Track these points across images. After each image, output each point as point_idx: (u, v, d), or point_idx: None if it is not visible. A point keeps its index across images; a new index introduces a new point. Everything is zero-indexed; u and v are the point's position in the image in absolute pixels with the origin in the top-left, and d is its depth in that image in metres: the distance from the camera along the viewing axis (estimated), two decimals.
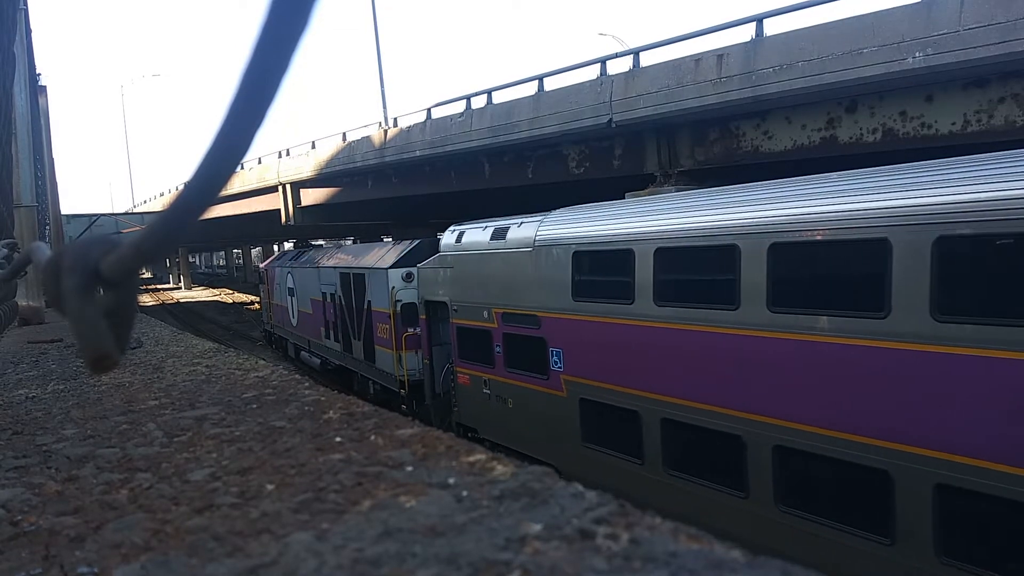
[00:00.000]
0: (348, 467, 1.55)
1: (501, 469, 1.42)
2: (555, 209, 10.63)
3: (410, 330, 15.10)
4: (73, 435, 2.18)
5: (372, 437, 1.77)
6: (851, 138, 11.31)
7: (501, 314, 11.40)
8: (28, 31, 10.61)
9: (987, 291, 6.03)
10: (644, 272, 8.80)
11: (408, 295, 15.12)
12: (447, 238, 13.41)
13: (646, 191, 14.11)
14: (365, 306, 17.24)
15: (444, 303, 13.18)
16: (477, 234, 12.32)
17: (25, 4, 9.80)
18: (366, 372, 17.72)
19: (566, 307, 10.03)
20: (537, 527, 1.12)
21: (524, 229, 11.13)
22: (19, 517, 1.48)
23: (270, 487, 1.48)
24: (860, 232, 6.66)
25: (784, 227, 7.28)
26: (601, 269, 9.73)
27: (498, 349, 11.52)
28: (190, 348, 4.13)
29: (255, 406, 2.32)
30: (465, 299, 12.45)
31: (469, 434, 12.12)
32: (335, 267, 19.83)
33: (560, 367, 10.15)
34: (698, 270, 8.53)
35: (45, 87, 14.87)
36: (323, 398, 2.31)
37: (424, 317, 14.33)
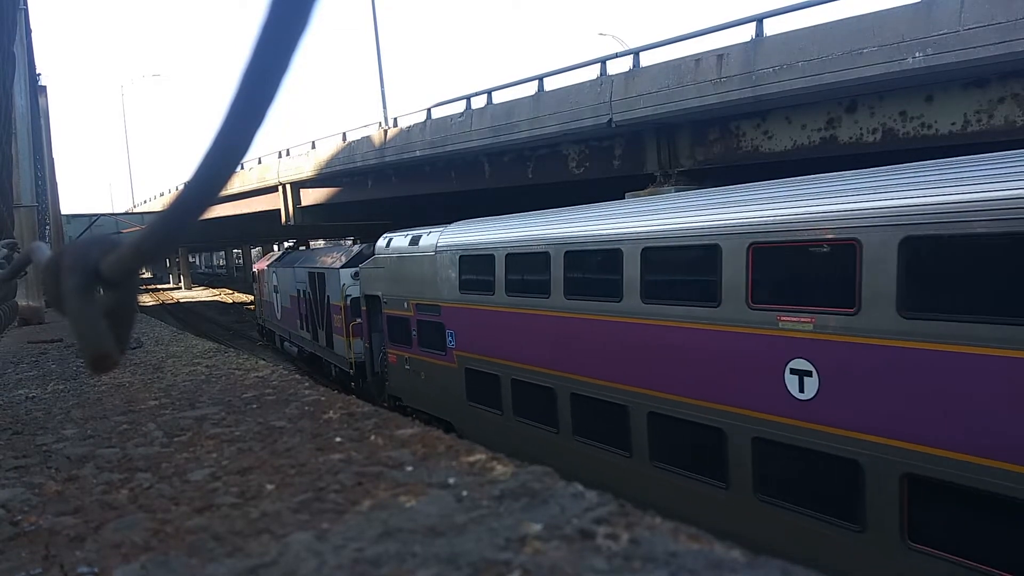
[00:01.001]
0: (348, 467, 1.55)
1: (501, 469, 1.42)
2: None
3: (357, 320, 17.88)
4: (73, 435, 2.18)
5: (372, 437, 1.77)
6: (851, 138, 11.31)
7: (415, 304, 14.16)
8: (28, 31, 10.61)
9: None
10: (500, 271, 11.70)
11: (355, 291, 17.74)
12: (380, 243, 15.94)
13: (646, 191, 14.13)
14: (325, 301, 20.10)
15: (378, 296, 15.92)
16: (400, 240, 14.96)
17: (25, 4, 9.80)
18: (328, 357, 20.59)
19: (455, 298, 12.91)
20: (537, 527, 1.12)
21: (430, 237, 13.80)
22: (19, 517, 1.48)
23: (270, 487, 1.48)
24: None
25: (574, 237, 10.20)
26: (476, 269, 12.41)
27: (414, 333, 14.28)
28: (190, 348, 4.13)
29: (255, 406, 2.32)
30: (392, 293, 15.19)
31: (397, 403, 14.87)
32: (305, 267, 22.86)
33: (453, 344, 12.98)
34: (529, 270, 11.28)
35: (45, 87, 14.88)
36: (323, 398, 2.31)
37: (364, 309, 17.07)
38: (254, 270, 35.30)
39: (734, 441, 7.80)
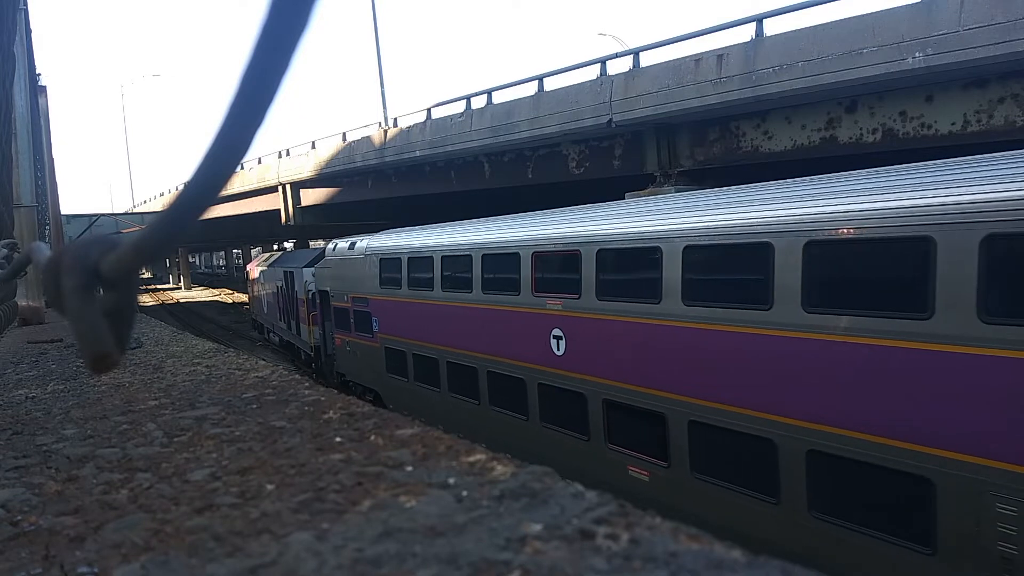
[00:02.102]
0: (348, 467, 1.55)
1: (501, 469, 1.42)
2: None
3: (315, 312, 21.08)
4: (73, 435, 2.18)
5: (372, 437, 1.77)
6: (851, 138, 11.32)
7: (352, 297, 17.16)
8: (28, 31, 10.61)
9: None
10: (404, 270, 14.69)
11: (315, 287, 20.88)
12: (328, 247, 19.16)
13: (646, 191, 14.13)
14: (294, 295, 23.43)
15: (327, 291, 19.12)
16: (343, 245, 17.82)
17: (25, 4, 9.80)
18: (297, 343, 24.07)
19: (377, 292, 15.89)
20: (537, 527, 1.12)
21: (362, 243, 16.73)
22: (19, 517, 1.48)
23: (270, 487, 1.49)
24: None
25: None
26: (391, 269, 15.27)
27: (351, 320, 17.34)
28: (190, 348, 4.13)
29: (255, 406, 2.32)
30: (336, 288, 18.25)
31: (343, 379, 18.31)
32: (281, 268, 26.46)
33: (376, 328, 16.08)
34: (423, 270, 14.00)
35: (45, 87, 14.87)
36: (323, 398, 2.31)
37: (319, 302, 20.31)
38: (247, 270, 40.25)
39: (591, 405, 9.89)
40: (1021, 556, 5.38)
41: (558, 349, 10.37)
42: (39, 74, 14.28)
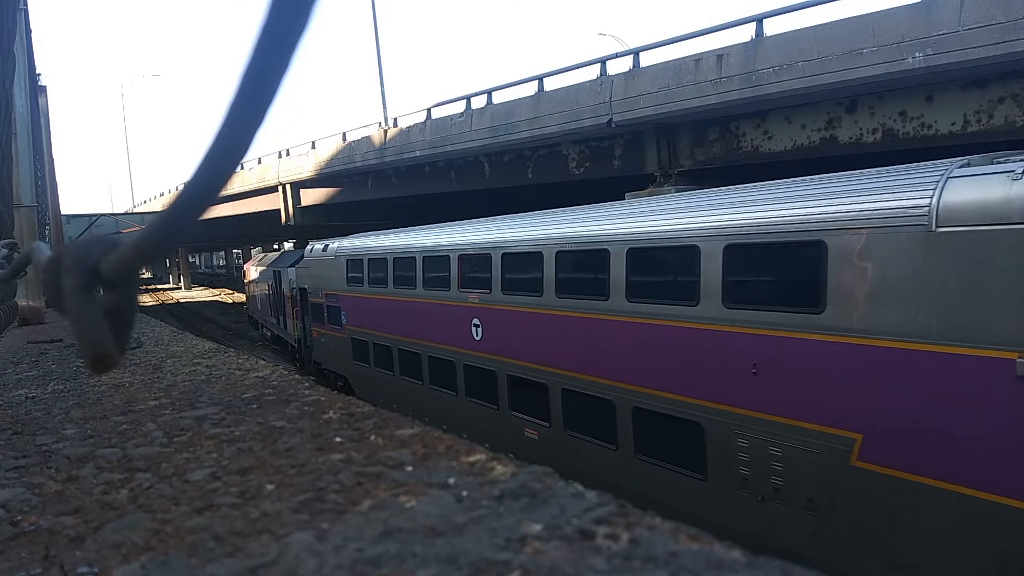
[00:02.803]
0: (348, 467, 1.55)
1: (501, 469, 1.42)
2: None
3: (297, 307, 23.08)
4: (73, 435, 2.18)
5: (372, 437, 1.77)
6: (851, 138, 11.31)
7: (325, 294, 19.17)
8: (28, 31, 10.61)
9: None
10: (365, 269, 16.62)
11: (296, 285, 23.07)
12: (307, 249, 21.40)
13: (646, 191, 14.13)
14: (282, 293, 25.43)
15: (305, 289, 21.20)
16: (319, 247, 19.89)
17: (25, 4, 9.80)
18: (284, 336, 26.21)
19: (344, 289, 17.87)
20: (537, 527, 1.12)
21: (334, 244, 18.78)
22: (19, 517, 1.48)
23: (270, 487, 1.49)
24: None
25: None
26: (355, 268, 17.25)
27: (325, 314, 19.35)
28: (190, 348, 4.13)
29: (255, 406, 2.32)
30: (313, 286, 20.26)
31: (319, 367, 20.34)
32: (271, 267, 28.58)
33: (344, 321, 18.02)
34: (378, 269, 16.02)
35: (45, 87, 14.87)
36: (323, 398, 2.31)
37: (300, 299, 22.34)
38: (243, 270, 43.41)
39: (499, 377, 11.87)
40: (753, 475, 7.58)
41: (477, 335, 12.33)
42: (39, 74, 14.28)
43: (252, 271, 34.86)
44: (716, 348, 7.96)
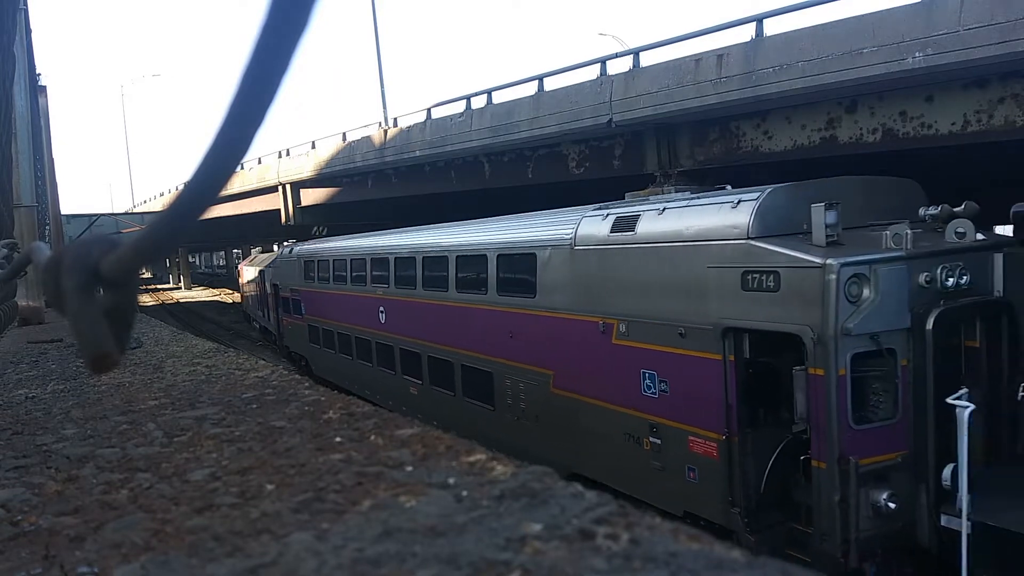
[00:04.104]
0: (348, 467, 1.55)
1: (501, 469, 1.42)
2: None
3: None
4: (73, 435, 2.18)
5: (372, 437, 1.77)
6: (851, 138, 11.30)
7: (291, 288, 22.69)
8: (28, 31, 10.61)
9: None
10: (314, 269, 20.41)
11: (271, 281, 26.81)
12: (278, 251, 26.73)
13: (646, 191, 14.12)
14: (265, 289, 28.06)
15: (277, 285, 24.49)
16: (286, 249, 23.81)
17: (25, 4, 9.80)
18: (268, 326, 29.12)
19: (303, 285, 21.43)
20: (537, 527, 1.12)
21: (298, 248, 22.61)
22: (19, 517, 1.48)
23: (270, 487, 1.49)
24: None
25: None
26: (310, 268, 20.81)
27: (291, 306, 22.88)
28: (190, 348, 4.13)
29: (255, 406, 2.32)
30: (283, 282, 23.69)
31: (289, 351, 24.01)
32: (258, 267, 31.70)
33: (304, 312, 21.64)
34: (325, 269, 19.51)
35: (45, 87, 14.88)
36: (323, 398, 2.31)
37: (273, 293, 25.67)
38: (238, 269, 47.06)
39: (396, 353, 15.73)
40: (512, 403, 11.46)
41: (382, 320, 16.21)
42: (39, 74, 14.29)
43: (245, 271, 38.43)
44: (495, 322, 11.88)
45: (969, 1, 9.00)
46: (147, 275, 77.82)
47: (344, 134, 24.25)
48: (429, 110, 19.79)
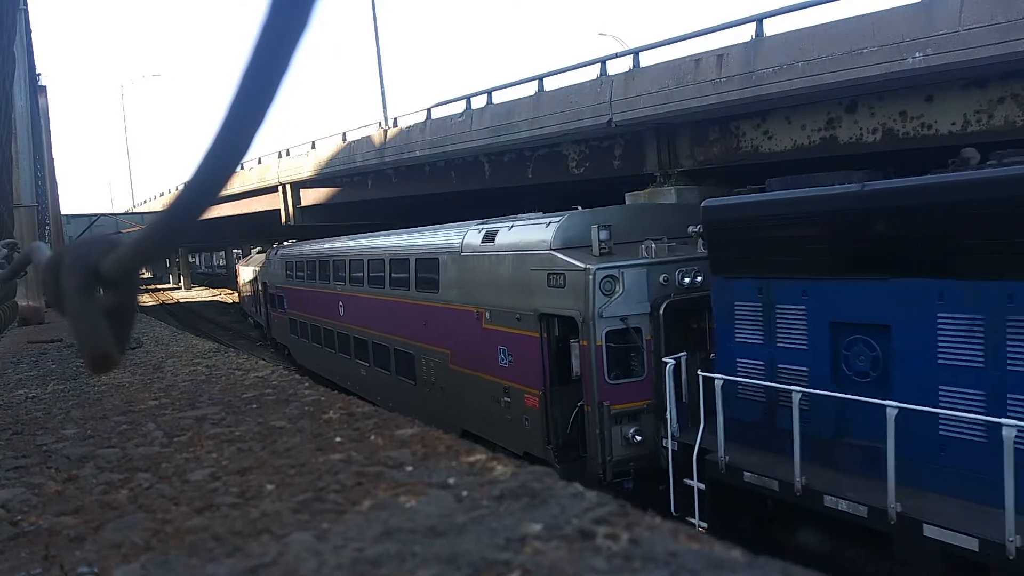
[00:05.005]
0: (348, 467, 1.55)
1: (501, 469, 1.42)
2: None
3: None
4: (73, 435, 2.18)
5: (372, 437, 1.77)
6: (851, 138, 11.30)
7: (275, 286, 25.91)
8: (28, 31, 10.61)
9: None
10: (294, 269, 23.33)
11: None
12: (268, 253, 28.85)
13: (646, 191, 14.13)
14: (258, 286, 30.77)
15: (266, 283, 27.66)
16: (274, 251, 26.86)
17: (25, 4, 9.80)
18: (260, 321, 31.67)
19: (284, 283, 24.52)
20: (537, 527, 1.12)
21: (280, 250, 25.72)
22: (19, 517, 1.49)
23: (270, 487, 1.49)
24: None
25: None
26: (288, 267, 24.03)
27: (276, 301, 25.95)
28: (190, 348, 4.14)
29: (255, 406, 2.32)
30: (270, 281, 26.84)
31: (275, 342, 27.39)
32: (251, 266, 34.71)
33: (285, 306, 24.66)
34: (300, 269, 22.70)
35: (45, 87, 14.88)
36: (323, 398, 2.31)
37: (263, 290, 28.71)
38: (236, 269, 49.62)
39: (352, 341, 18.54)
40: (426, 377, 14.31)
41: (341, 313, 18.94)
42: (39, 74, 14.28)
43: (241, 270, 41.56)
44: (414, 313, 14.54)
45: (969, 1, 8.99)
46: (147, 275, 77.79)
47: (344, 134, 24.25)
48: (429, 110, 19.78)
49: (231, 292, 58.47)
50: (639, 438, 9.78)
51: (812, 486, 7.62)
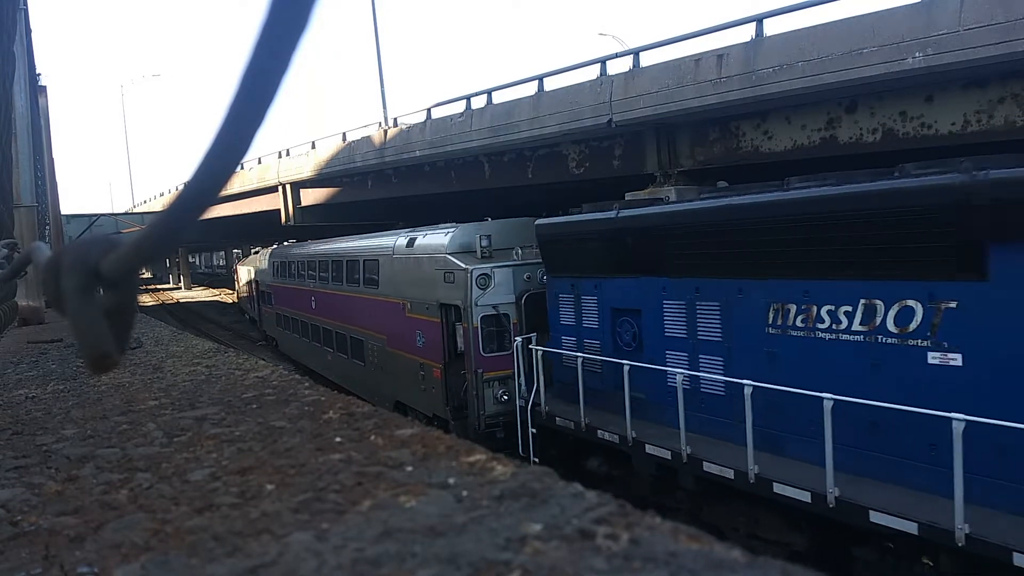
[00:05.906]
0: (348, 467, 1.55)
1: (501, 469, 1.42)
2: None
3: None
4: (73, 435, 2.18)
5: (372, 437, 1.77)
6: (851, 138, 11.30)
7: (267, 284, 29.22)
8: (28, 31, 10.61)
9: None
10: (279, 268, 27.03)
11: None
12: (261, 252, 32.63)
13: (646, 191, 14.13)
14: (253, 284, 34.15)
15: (258, 281, 31.37)
16: (264, 252, 30.48)
17: (25, 4, 9.80)
18: (254, 316, 34.56)
19: (272, 280, 27.97)
20: (537, 527, 1.12)
21: (268, 250, 29.24)
22: (19, 517, 1.48)
23: (270, 487, 1.49)
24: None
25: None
26: (275, 267, 27.38)
27: (266, 297, 29.44)
28: (190, 348, 4.13)
29: (255, 406, 2.32)
30: (261, 279, 30.38)
31: (266, 334, 30.80)
32: (247, 266, 38.52)
33: (273, 303, 28.23)
34: (285, 269, 26.35)
35: (45, 87, 14.86)
36: (323, 398, 2.31)
37: (255, 288, 32.47)
38: (234, 268, 52.37)
39: (322, 332, 21.82)
40: (371, 359, 17.92)
41: (313, 307, 22.22)
42: (39, 74, 14.28)
43: (240, 270, 44.34)
44: (363, 306, 17.70)
45: (969, 1, 8.99)
46: (147, 275, 77.78)
47: (344, 134, 24.24)
48: (429, 110, 19.78)
49: (231, 292, 58.50)
50: (506, 397, 12.81)
51: (593, 424, 10.90)
